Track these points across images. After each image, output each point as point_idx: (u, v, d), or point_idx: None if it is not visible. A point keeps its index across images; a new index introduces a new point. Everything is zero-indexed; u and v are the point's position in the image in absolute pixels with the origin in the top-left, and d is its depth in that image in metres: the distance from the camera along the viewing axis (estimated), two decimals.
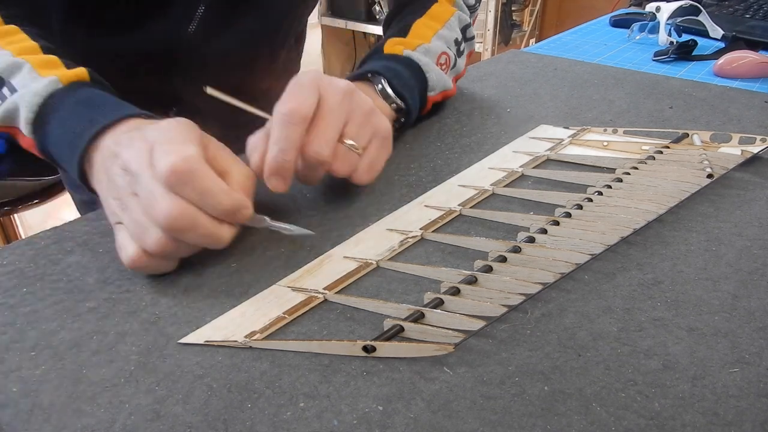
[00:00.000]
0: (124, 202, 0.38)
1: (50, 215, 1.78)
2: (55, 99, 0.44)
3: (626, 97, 0.72)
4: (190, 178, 0.36)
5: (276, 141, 0.41)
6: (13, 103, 0.45)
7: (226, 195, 0.37)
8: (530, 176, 0.53)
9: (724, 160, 0.53)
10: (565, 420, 0.30)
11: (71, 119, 0.43)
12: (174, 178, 0.35)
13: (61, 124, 0.43)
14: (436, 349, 0.33)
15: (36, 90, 0.44)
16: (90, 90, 0.45)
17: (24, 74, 0.45)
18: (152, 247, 0.37)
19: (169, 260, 0.39)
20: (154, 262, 0.38)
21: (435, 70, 0.61)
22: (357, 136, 0.45)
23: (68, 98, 0.44)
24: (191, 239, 0.37)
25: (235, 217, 0.38)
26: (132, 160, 0.37)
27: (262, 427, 0.30)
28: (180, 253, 0.39)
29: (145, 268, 0.39)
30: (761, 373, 0.32)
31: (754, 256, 0.42)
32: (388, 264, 0.41)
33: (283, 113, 0.41)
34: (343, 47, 2.83)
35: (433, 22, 0.64)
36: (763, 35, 0.96)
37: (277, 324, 0.36)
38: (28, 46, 0.47)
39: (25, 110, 0.44)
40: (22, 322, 0.36)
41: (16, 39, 0.48)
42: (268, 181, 0.41)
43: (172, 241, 0.37)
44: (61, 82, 0.45)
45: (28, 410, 0.30)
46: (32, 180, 1.21)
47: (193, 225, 0.36)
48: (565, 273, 0.39)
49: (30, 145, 0.46)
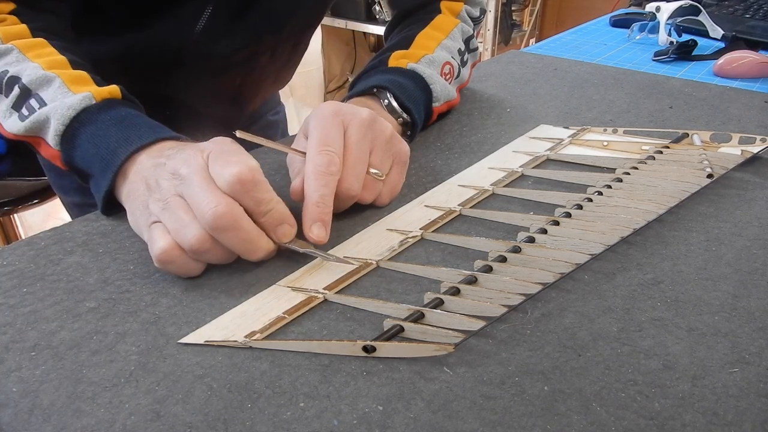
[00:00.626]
0: (168, 202, 0.39)
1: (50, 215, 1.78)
2: (87, 114, 0.46)
3: (626, 97, 0.72)
4: (253, 186, 0.38)
5: (315, 189, 0.41)
6: (43, 115, 0.46)
7: (280, 205, 0.40)
8: (530, 176, 0.53)
9: (724, 160, 0.53)
10: (565, 420, 0.30)
11: (105, 135, 0.45)
12: (239, 186, 0.37)
13: (92, 138, 0.45)
14: (436, 349, 0.33)
15: (70, 104, 0.45)
16: (123, 109, 0.47)
17: (55, 88, 0.47)
18: (190, 241, 0.38)
19: (198, 262, 0.40)
20: (183, 260, 0.39)
21: (439, 81, 0.61)
22: (380, 163, 0.46)
23: (101, 115, 0.46)
24: (231, 241, 0.38)
25: (280, 229, 0.40)
26: (182, 165, 0.39)
27: (262, 427, 0.30)
28: (213, 255, 0.39)
29: (172, 263, 0.39)
30: (761, 373, 0.32)
31: (754, 256, 0.42)
32: (388, 264, 0.41)
33: (318, 165, 0.42)
34: (343, 47, 2.83)
35: (437, 32, 0.64)
36: (763, 35, 0.96)
37: (277, 324, 0.36)
38: (57, 60, 0.49)
39: (57, 123, 0.45)
40: (22, 322, 0.36)
41: (45, 52, 0.49)
42: (311, 230, 0.41)
43: (210, 240, 0.38)
44: (94, 98, 0.46)
45: (28, 410, 0.30)
46: (32, 180, 1.21)
47: (236, 225, 0.37)
48: (565, 273, 0.39)
49: (53, 156, 0.47)
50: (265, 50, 0.71)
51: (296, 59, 0.81)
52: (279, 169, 0.54)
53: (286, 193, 0.43)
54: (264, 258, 0.40)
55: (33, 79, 0.47)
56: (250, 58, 0.70)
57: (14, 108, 0.48)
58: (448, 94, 0.62)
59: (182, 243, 0.38)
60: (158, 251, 0.38)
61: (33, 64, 0.48)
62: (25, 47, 0.49)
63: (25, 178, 1.22)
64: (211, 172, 0.39)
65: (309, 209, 0.41)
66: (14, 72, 0.48)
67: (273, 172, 0.54)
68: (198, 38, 0.64)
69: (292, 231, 0.41)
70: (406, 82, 0.58)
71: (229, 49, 0.67)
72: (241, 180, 0.37)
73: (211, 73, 0.69)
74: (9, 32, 0.50)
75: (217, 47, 0.66)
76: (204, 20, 0.63)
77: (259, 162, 0.39)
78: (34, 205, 1.23)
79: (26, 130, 0.47)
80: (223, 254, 0.40)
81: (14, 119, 0.48)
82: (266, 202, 0.39)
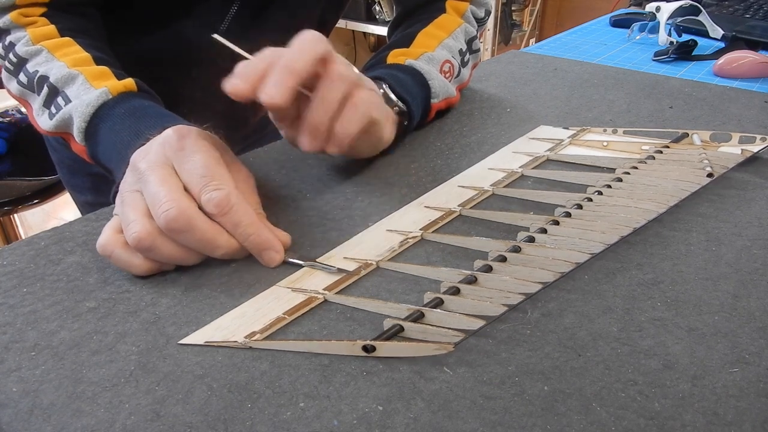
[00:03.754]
0: (124, 197, 0.40)
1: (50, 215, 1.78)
2: (105, 109, 0.47)
3: (626, 97, 0.72)
4: (228, 210, 0.38)
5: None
6: (67, 112, 0.48)
7: (262, 230, 0.40)
8: (530, 176, 0.53)
9: (724, 160, 0.53)
10: (565, 420, 0.30)
11: (120, 129, 0.46)
12: (215, 211, 0.38)
13: (110, 133, 0.46)
14: (436, 348, 0.33)
15: (88, 101, 0.47)
16: (138, 101, 0.48)
17: (78, 85, 0.48)
18: (130, 238, 0.38)
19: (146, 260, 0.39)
20: (122, 255, 0.39)
21: (438, 77, 0.61)
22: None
23: (117, 108, 0.47)
24: (187, 242, 0.38)
25: (266, 255, 0.40)
26: (141, 159, 0.40)
27: (262, 427, 0.30)
28: (165, 254, 0.39)
29: (110, 256, 0.39)
30: (761, 373, 0.32)
31: (754, 256, 0.42)
32: (388, 264, 0.41)
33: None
34: (343, 47, 2.83)
35: (439, 31, 0.64)
36: (763, 35, 0.96)
37: (277, 324, 0.36)
38: (81, 57, 0.50)
39: (78, 120, 0.47)
40: (22, 322, 0.36)
41: (71, 51, 0.51)
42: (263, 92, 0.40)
43: (154, 239, 0.38)
44: (110, 93, 0.48)
45: (28, 410, 0.30)
46: (32, 180, 1.22)
47: (190, 227, 0.37)
48: (565, 272, 0.39)
49: (81, 151, 0.49)
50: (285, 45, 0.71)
51: None
52: (279, 170, 0.54)
53: (286, 193, 0.43)
54: (229, 256, 0.40)
55: (59, 77, 0.49)
56: None
57: (45, 106, 0.50)
58: (447, 91, 0.62)
59: (127, 239, 0.38)
60: (98, 243, 0.39)
61: (59, 62, 0.50)
62: (53, 47, 0.51)
63: (25, 178, 1.22)
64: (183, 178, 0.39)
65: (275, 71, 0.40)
66: (43, 71, 0.50)
67: (273, 173, 0.54)
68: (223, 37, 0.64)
69: (278, 257, 0.40)
70: (403, 76, 0.58)
71: (251, 49, 0.67)
72: (220, 205, 0.38)
73: (230, 73, 0.69)
74: (38, 33, 0.51)
75: (240, 45, 0.66)
76: (228, 20, 0.63)
77: (259, 162, 0.39)
78: (34, 205, 1.23)
79: (55, 127, 0.49)
80: (174, 253, 0.39)
81: (45, 117, 0.50)
82: (245, 226, 0.39)
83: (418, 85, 0.59)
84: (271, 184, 0.52)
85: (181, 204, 0.37)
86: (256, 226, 0.39)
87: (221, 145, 0.43)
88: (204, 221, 0.38)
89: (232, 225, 0.39)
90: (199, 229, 0.38)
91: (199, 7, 0.62)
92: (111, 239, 0.39)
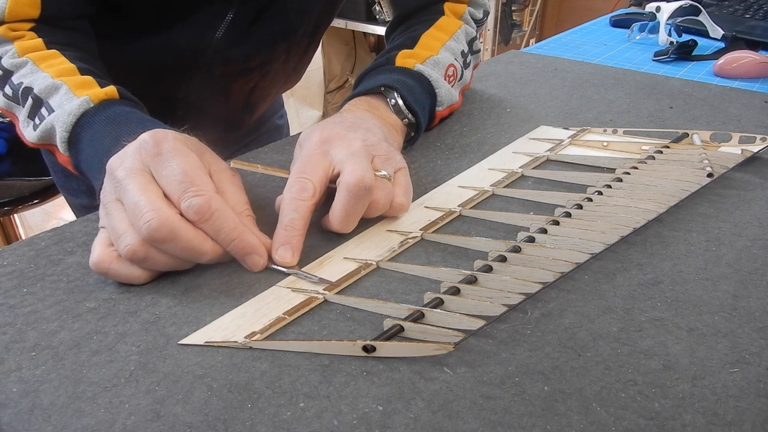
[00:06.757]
0: (108, 208, 0.39)
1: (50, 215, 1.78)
2: (87, 117, 0.46)
3: (626, 97, 0.72)
4: (211, 218, 0.38)
5: (286, 214, 0.42)
6: (50, 123, 0.47)
7: (246, 234, 0.39)
8: (530, 177, 0.53)
9: (724, 159, 0.53)
10: (565, 420, 0.30)
11: (101, 136, 0.45)
12: (198, 217, 0.38)
13: (91, 141, 0.45)
14: (436, 348, 0.33)
15: (70, 110, 0.46)
16: (119, 107, 0.47)
17: (61, 95, 0.48)
18: (124, 251, 0.37)
19: (143, 270, 0.39)
20: (120, 268, 0.38)
21: (444, 85, 0.61)
22: (383, 168, 0.45)
23: (98, 116, 0.46)
24: (172, 251, 0.38)
25: (249, 259, 0.40)
26: (118, 167, 0.39)
27: (262, 427, 0.30)
28: (157, 263, 0.38)
29: (107, 273, 0.39)
30: (761, 373, 0.32)
31: (754, 256, 0.42)
32: (388, 264, 0.41)
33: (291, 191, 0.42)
34: (343, 47, 2.83)
35: (441, 33, 0.64)
36: (763, 35, 0.96)
37: (277, 324, 0.36)
38: (66, 68, 0.50)
39: (60, 129, 0.46)
40: (22, 322, 0.36)
41: (56, 62, 0.50)
42: (276, 252, 0.41)
43: (147, 250, 0.37)
44: (92, 101, 0.47)
45: (28, 410, 0.30)
46: (32, 180, 1.21)
47: (173, 236, 0.37)
48: (565, 272, 0.39)
49: (66, 161, 0.48)
50: (280, 53, 0.71)
51: (307, 59, 0.81)
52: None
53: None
54: (216, 261, 0.40)
55: (42, 88, 0.48)
56: (266, 62, 0.70)
57: (29, 117, 0.49)
58: (452, 99, 0.62)
59: (120, 252, 0.38)
60: (91, 261, 0.38)
61: (44, 73, 0.49)
62: (39, 59, 0.50)
63: (25, 178, 1.22)
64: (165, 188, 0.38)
65: (278, 232, 0.41)
66: (28, 83, 0.49)
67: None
68: (216, 45, 0.64)
69: (262, 261, 0.40)
70: (413, 83, 0.57)
71: (246, 55, 0.67)
72: (200, 212, 0.37)
73: (226, 78, 0.69)
74: (25, 46, 0.51)
75: (235, 53, 0.66)
76: (224, 27, 0.63)
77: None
78: (34, 205, 1.23)
79: (39, 138, 0.49)
80: (169, 261, 0.39)
81: (30, 129, 0.49)
82: (227, 231, 0.39)
83: (425, 93, 0.59)
84: (269, 184, 0.52)
85: (162, 213, 0.36)
86: (239, 230, 0.39)
87: (200, 147, 0.42)
88: (187, 229, 0.37)
89: (214, 231, 0.38)
90: (183, 237, 0.37)
91: (195, 13, 0.62)
92: (104, 255, 0.38)
